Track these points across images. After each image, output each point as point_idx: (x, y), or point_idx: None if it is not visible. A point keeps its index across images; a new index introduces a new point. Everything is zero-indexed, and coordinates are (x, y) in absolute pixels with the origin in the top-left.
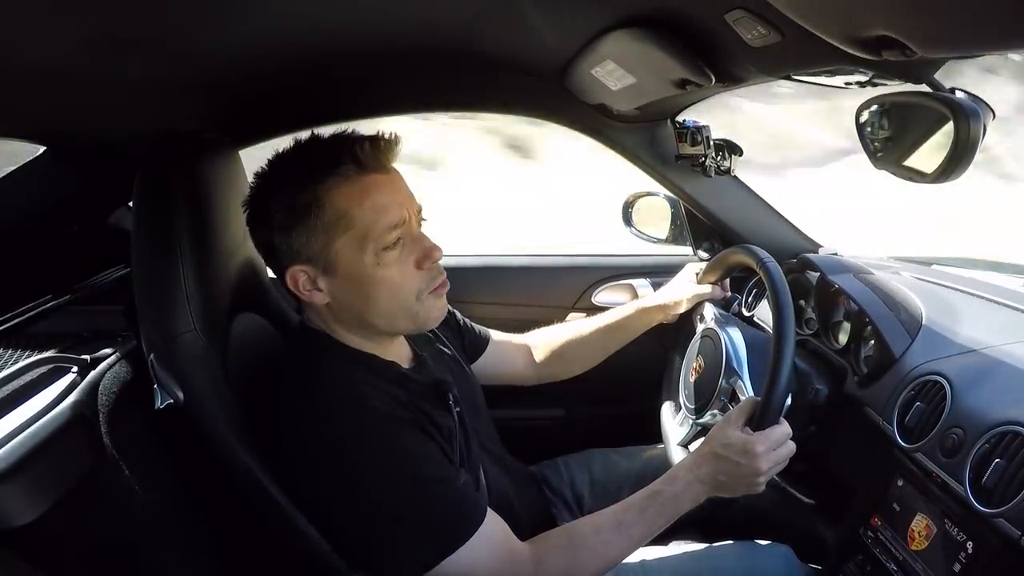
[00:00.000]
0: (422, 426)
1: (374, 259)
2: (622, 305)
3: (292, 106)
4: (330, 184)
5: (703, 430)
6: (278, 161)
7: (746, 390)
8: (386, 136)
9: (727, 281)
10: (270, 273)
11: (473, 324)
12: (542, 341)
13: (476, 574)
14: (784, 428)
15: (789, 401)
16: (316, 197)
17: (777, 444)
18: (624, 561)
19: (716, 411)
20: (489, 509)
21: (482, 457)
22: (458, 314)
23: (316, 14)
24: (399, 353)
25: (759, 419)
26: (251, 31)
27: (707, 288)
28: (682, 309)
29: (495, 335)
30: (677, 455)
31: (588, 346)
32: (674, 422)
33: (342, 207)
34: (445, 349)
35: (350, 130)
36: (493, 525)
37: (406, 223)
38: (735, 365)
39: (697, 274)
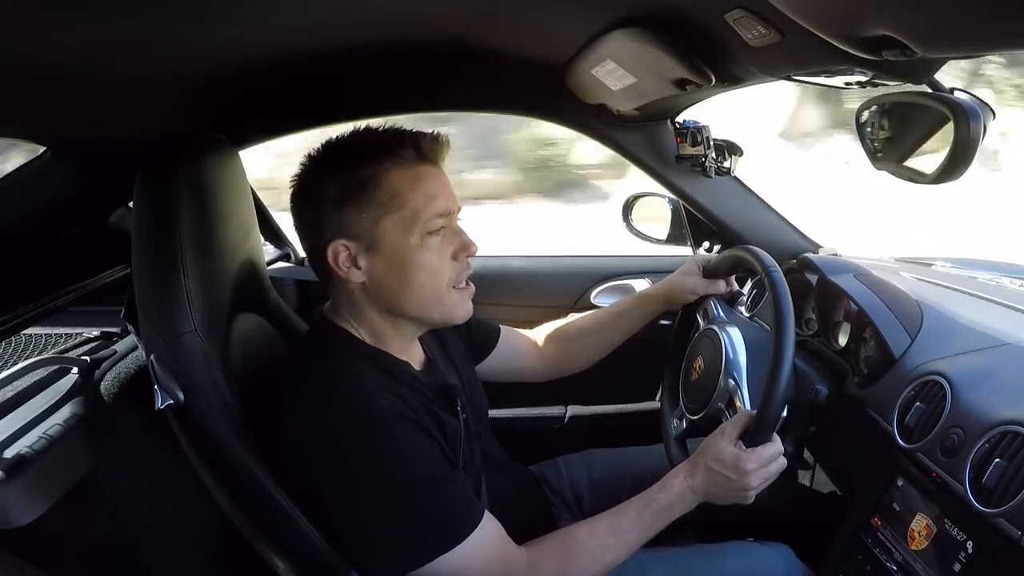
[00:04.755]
0: (426, 427)
1: (419, 241)
2: (625, 297)
3: (292, 106)
4: (388, 165)
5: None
6: (335, 142)
7: (743, 398)
8: (443, 136)
9: (732, 277)
10: (270, 273)
11: (482, 320)
12: (548, 335)
13: (470, 575)
14: (776, 446)
15: (785, 413)
16: (374, 175)
17: (768, 461)
18: (625, 560)
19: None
20: (487, 512)
21: (483, 462)
22: None
23: (316, 13)
24: (412, 354)
25: (752, 436)
26: (251, 31)
27: (711, 282)
28: (686, 300)
29: (504, 331)
30: (674, 448)
31: (593, 338)
32: (672, 414)
33: (397, 188)
34: (455, 353)
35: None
36: (489, 528)
37: (450, 215)
38: (733, 368)
39: (704, 266)
